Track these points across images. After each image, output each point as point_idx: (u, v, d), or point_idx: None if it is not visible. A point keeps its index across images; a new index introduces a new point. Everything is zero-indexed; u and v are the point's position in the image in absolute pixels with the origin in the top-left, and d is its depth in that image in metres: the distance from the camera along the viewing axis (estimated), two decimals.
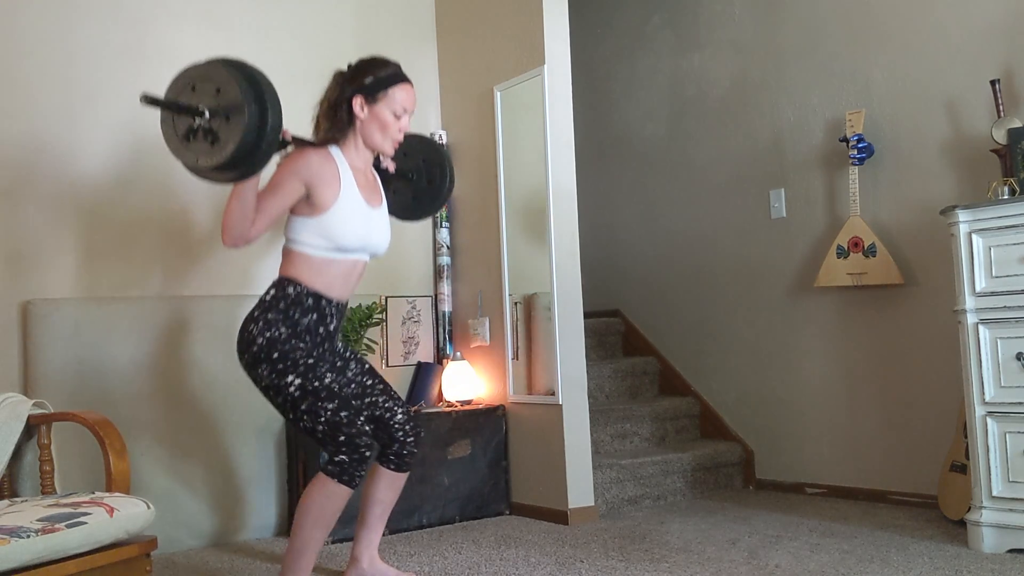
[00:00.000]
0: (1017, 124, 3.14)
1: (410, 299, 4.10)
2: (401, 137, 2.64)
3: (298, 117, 3.94)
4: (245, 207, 2.37)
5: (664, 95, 4.75)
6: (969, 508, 2.99)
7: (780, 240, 4.15)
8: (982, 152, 3.36)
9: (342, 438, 2.40)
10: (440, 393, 4.00)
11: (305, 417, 2.42)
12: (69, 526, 1.93)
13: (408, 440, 2.72)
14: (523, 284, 3.86)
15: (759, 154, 4.24)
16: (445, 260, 4.16)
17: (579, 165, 3.79)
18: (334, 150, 2.55)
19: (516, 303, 3.88)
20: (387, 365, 4.00)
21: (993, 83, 3.25)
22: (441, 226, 4.16)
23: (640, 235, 4.88)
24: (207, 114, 2.17)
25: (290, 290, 2.49)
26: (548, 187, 3.66)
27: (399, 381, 3.99)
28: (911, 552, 2.92)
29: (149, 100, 2.17)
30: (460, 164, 4.17)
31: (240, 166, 2.21)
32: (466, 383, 3.95)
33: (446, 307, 4.16)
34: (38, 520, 1.92)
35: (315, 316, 2.51)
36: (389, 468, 2.74)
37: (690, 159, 4.59)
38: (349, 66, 2.61)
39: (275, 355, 2.42)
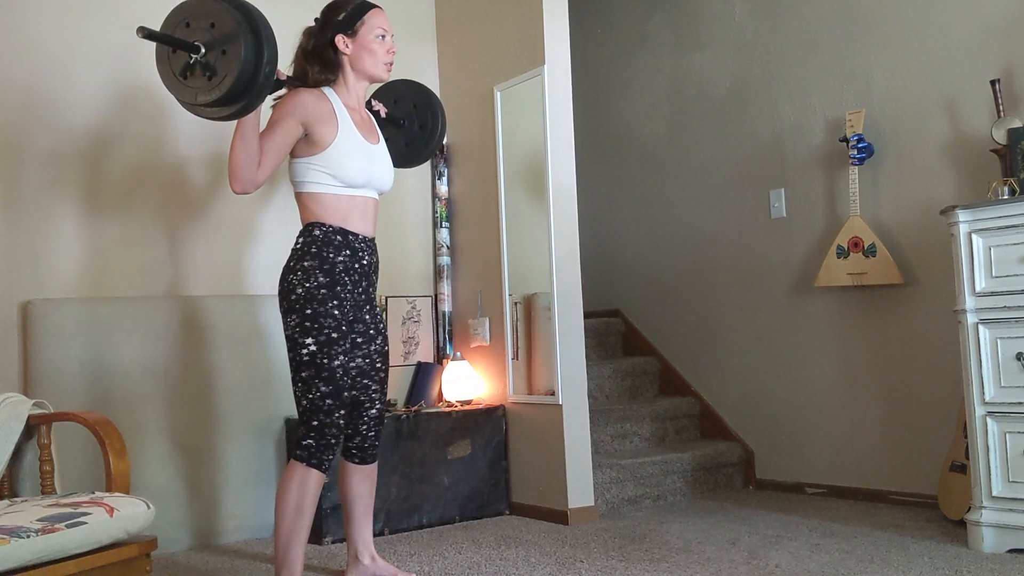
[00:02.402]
0: (1017, 124, 3.14)
1: (410, 299, 4.10)
2: (392, 58, 2.68)
3: None
4: (249, 148, 2.41)
5: (664, 95, 4.75)
6: (969, 508, 2.99)
7: (780, 240, 4.14)
8: (982, 152, 3.36)
9: (315, 423, 2.50)
10: (440, 393, 4.00)
11: (300, 384, 2.52)
12: (69, 526, 1.93)
13: (370, 435, 2.77)
14: (523, 284, 3.86)
15: (759, 154, 4.24)
16: (445, 260, 4.16)
17: (579, 165, 3.79)
18: (327, 90, 2.61)
19: (516, 303, 3.88)
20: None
21: (993, 83, 3.25)
22: (441, 226, 4.16)
23: (640, 235, 4.88)
24: (203, 49, 2.19)
25: (316, 232, 2.55)
26: (548, 187, 3.66)
27: (399, 381, 3.99)
28: (911, 552, 2.92)
29: (147, 34, 2.17)
30: (460, 164, 4.17)
31: (239, 99, 2.22)
32: (466, 383, 3.95)
33: (446, 307, 4.16)
34: (38, 520, 1.92)
35: (348, 252, 2.57)
36: (354, 462, 2.78)
37: (690, 159, 4.59)
38: (316, 19, 2.66)
39: (308, 311, 2.49)
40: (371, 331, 2.70)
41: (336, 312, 2.52)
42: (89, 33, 3.36)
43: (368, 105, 2.82)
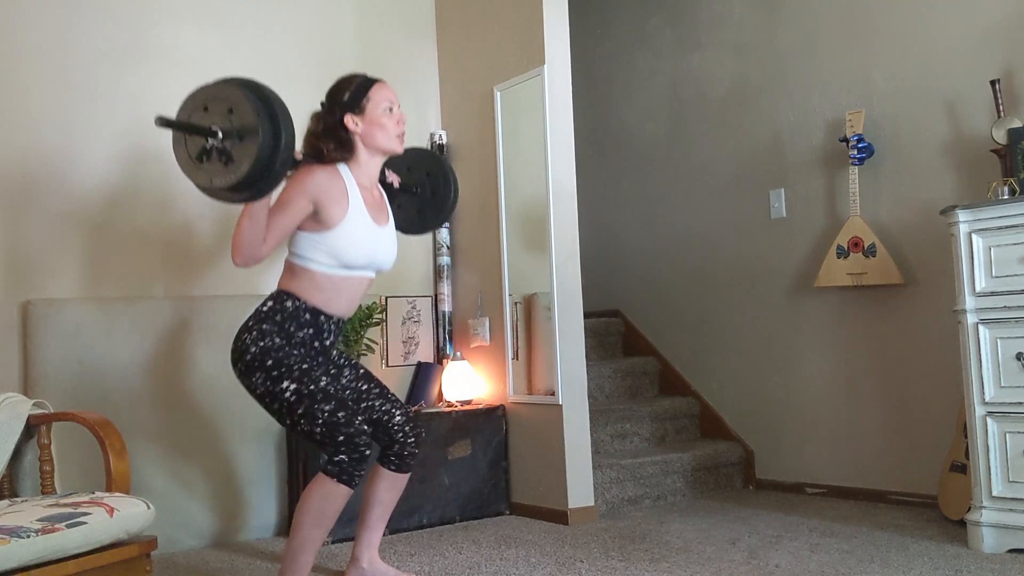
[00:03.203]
0: (1017, 124, 3.14)
1: (410, 299, 4.10)
2: (403, 129, 2.65)
3: (298, 116, 3.94)
4: (257, 226, 2.37)
5: (664, 95, 4.75)
6: (969, 508, 2.99)
7: (780, 240, 4.14)
8: (982, 152, 3.36)
9: (341, 438, 2.40)
10: (440, 393, 4.00)
11: (302, 421, 2.42)
12: (69, 526, 1.93)
13: (408, 441, 2.72)
14: (523, 284, 3.86)
15: (759, 154, 4.24)
16: (445, 260, 4.16)
17: (579, 165, 3.79)
18: (342, 168, 2.57)
19: (516, 303, 3.88)
20: (387, 365, 4.00)
21: (993, 83, 3.25)
22: (441, 226, 4.16)
23: (640, 235, 4.88)
24: (220, 134, 2.15)
25: (288, 304, 2.51)
26: (548, 187, 3.66)
27: (399, 381, 3.99)
28: (911, 552, 2.92)
29: (164, 122, 2.15)
30: (460, 164, 4.17)
31: (254, 186, 2.19)
32: (466, 383, 3.95)
33: (446, 307, 4.16)
34: (38, 520, 1.92)
35: (311, 331, 2.53)
36: (390, 469, 2.74)
37: (690, 159, 4.59)
38: (322, 103, 2.64)
39: (269, 362, 2.43)
40: (332, 370, 2.68)
41: (296, 353, 2.48)
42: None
43: (381, 175, 2.77)
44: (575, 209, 3.72)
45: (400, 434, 2.71)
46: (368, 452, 2.44)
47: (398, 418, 2.72)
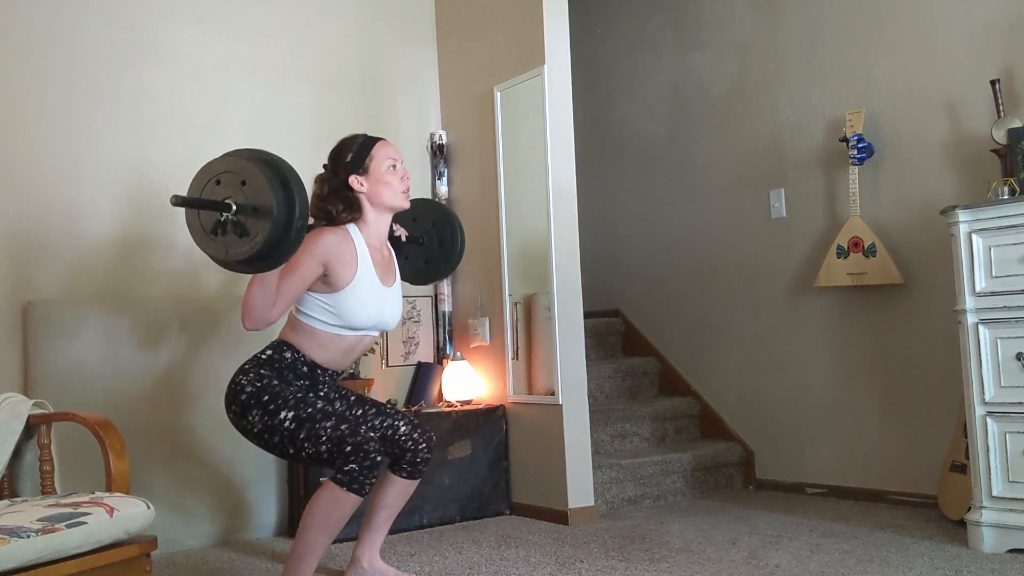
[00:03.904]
0: (1017, 124, 3.14)
1: (410, 299, 4.10)
2: (407, 184, 2.65)
3: (299, 116, 3.95)
4: (267, 292, 2.37)
5: (664, 95, 4.75)
6: (969, 508, 2.98)
7: (780, 240, 4.14)
8: (982, 152, 3.36)
9: (348, 448, 2.38)
10: (440, 393, 4.00)
11: (306, 445, 2.41)
12: (69, 526, 1.93)
13: (420, 448, 2.72)
14: (523, 284, 3.86)
15: (759, 154, 4.24)
16: None
17: (579, 165, 3.79)
18: (352, 229, 2.58)
19: (516, 303, 3.88)
20: (387, 365, 4.00)
21: (993, 83, 3.25)
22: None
23: (640, 235, 4.88)
24: (234, 207, 2.14)
25: (288, 355, 2.53)
26: (548, 187, 3.66)
27: (399, 381, 3.99)
28: (911, 552, 2.92)
29: (180, 201, 2.13)
30: (460, 164, 4.17)
31: (269, 257, 2.18)
32: (466, 383, 3.95)
33: (446, 307, 4.16)
34: (38, 520, 1.92)
35: (307, 383, 2.56)
36: (402, 476, 2.73)
37: (690, 159, 4.59)
38: (325, 165, 2.64)
39: (265, 398, 2.45)
40: (320, 401, 2.65)
41: (291, 388, 2.50)
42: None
43: (390, 231, 2.77)
44: (575, 209, 3.72)
45: (410, 443, 2.71)
46: (379, 459, 2.41)
47: (403, 428, 2.71)
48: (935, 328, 3.55)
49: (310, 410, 2.43)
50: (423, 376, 4.00)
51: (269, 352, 2.55)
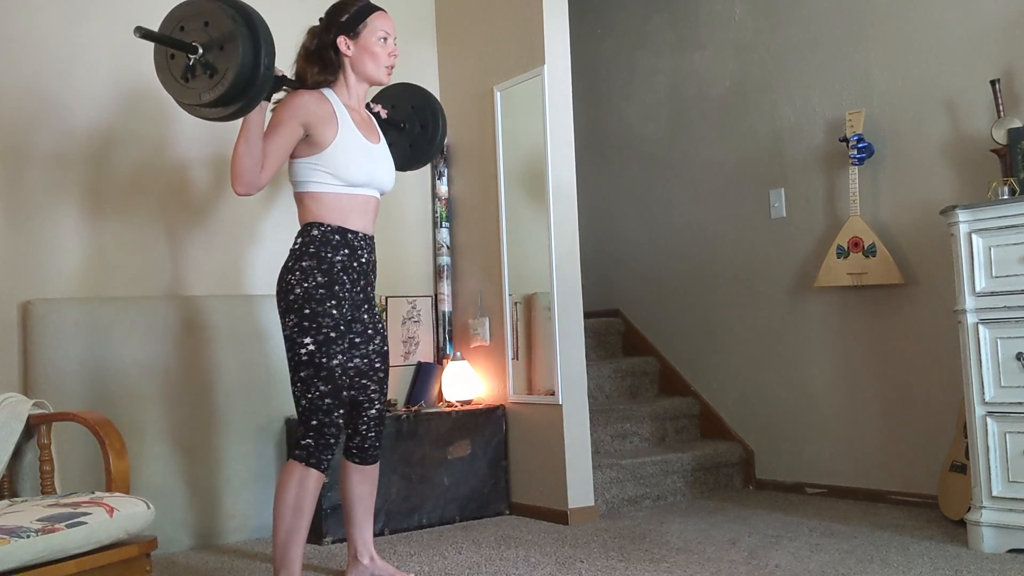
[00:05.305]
0: (1017, 124, 3.14)
1: (410, 299, 4.10)
2: (393, 61, 2.68)
3: None
4: (253, 151, 2.42)
5: (664, 95, 4.75)
6: (969, 508, 2.99)
7: (780, 240, 4.14)
8: (982, 152, 3.36)
9: (314, 422, 2.50)
10: (440, 393, 4.00)
11: (299, 384, 2.52)
12: (69, 526, 1.93)
13: (370, 435, 2.78)
14: (523, 284, 3.86)
15: (759, 154, 4.24)
16: (445, 260, 4.16)
17: (579, 165, 3.79)
18: (327, 91, 2.62)
19: (516, 303, 3.88)
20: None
21: (993, 83, 3.25)
22: (441, 226, 4.16)
23: (640, 235, 4.88)
24: (200, 48, 2.21)
25: (315, 232, 2.55)
26: (548, 187, 3.66)
27: (399, 381, 3.99)
28: (911, 552, 2.92)
29: (143, 33, 2.19)
30: (460, 164, 4.17)
31: (242, 96, 2.24)
32: (466, 383, 3.95)
33: (446, 307, 4.16)
34: (38, 520, 1.92)
35: (347, 251, 2.57)
36: (354, 462, 2.79)
37: (690, 159, 4.59)
38: (321, 19, 2.68)
39: (307, 310, 2.49)
40: (369, 331, 2.71)
41: (334, 312, 2.52)
42: (90, 35, 3.36)
43: (367, 108, 2.83)
44: (575, 209, 3.72)
45: (365, 427, 2.77)
46: (334, 442, 2.53)
47: (373, 411, 2.77)
48: (935, 328, 3.55)
49: (324, 360, 2.49)
50: (423, 376, 4.00)
51: (299, 239, 2.57)
